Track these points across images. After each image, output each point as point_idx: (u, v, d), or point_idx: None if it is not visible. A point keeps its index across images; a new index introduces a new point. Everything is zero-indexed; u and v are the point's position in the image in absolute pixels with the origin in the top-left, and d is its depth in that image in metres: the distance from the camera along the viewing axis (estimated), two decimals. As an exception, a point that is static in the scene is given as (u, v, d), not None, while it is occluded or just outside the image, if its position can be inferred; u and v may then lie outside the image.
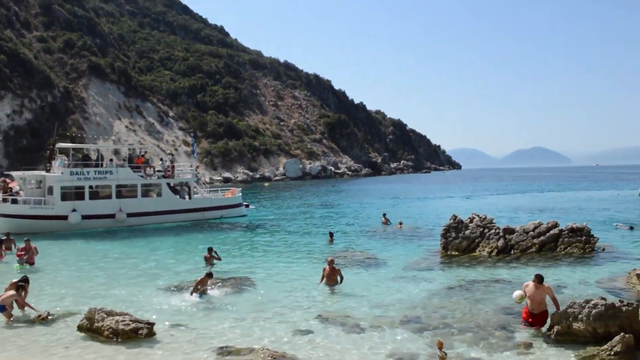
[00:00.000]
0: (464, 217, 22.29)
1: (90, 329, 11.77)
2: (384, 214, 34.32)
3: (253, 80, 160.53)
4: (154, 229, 33.02)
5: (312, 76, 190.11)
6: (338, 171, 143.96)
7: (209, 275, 15.38)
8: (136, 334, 11.44)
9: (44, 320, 12.89)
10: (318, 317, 12.97)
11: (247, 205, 42.24)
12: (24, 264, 20.17)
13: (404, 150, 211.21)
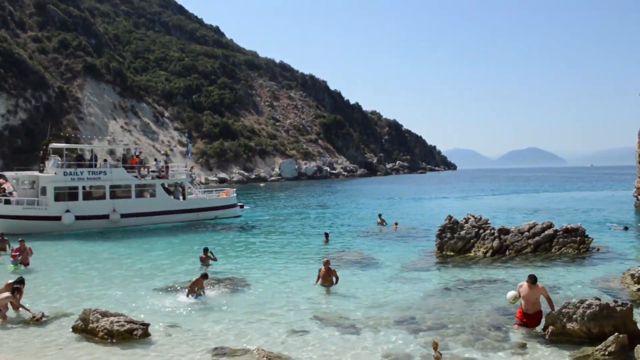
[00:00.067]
0: (459, 218, 22.33)
1: (85, 329, 11.73)
2: (380, 215, 34.32)
3: (248, 80, 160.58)
4: (148, 230, 32.92)
5: (308, 76, 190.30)
6: (334, 172, 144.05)
7: (204, 276, 15.34)
8: (131, 334, 11.41)
9: (38, 321, 12.83)
10: (313, 318, 12.98)
11: (242, 206, 42.19)
12: (19, 265, 20.11)
13: (399, 150, 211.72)
